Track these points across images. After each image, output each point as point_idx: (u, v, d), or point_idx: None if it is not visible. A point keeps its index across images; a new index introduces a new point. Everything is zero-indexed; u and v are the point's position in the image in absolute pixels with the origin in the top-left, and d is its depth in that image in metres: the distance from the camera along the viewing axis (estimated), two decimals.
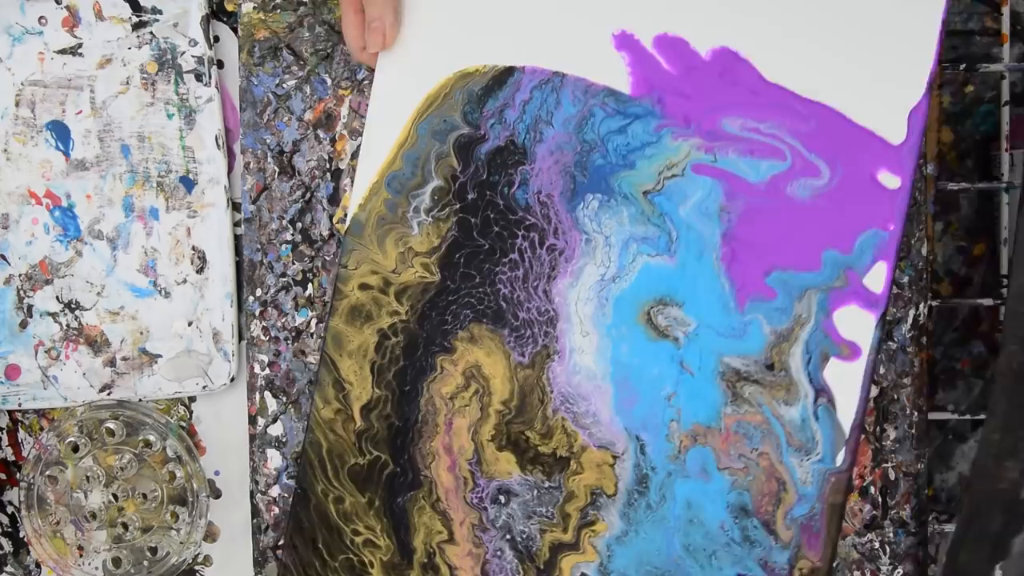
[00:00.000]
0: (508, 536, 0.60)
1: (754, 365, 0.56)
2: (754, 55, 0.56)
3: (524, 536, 0.59)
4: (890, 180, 0.54)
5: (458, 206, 0.61)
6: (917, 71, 0.54)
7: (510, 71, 0.60)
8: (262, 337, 0.69)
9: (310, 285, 0.69)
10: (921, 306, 0.66)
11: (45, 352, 0.72)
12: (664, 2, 0.57)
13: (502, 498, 0.60)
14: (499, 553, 0.60)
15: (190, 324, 0.71)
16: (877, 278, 0.54)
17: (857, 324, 0.54)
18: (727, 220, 0.56)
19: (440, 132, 0.61)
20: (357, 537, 0.63)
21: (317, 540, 0.63)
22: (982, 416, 0.70)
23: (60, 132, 0.71)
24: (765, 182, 0.56)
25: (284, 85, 0.70)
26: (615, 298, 0.58)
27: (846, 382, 0.55)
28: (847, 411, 0.55)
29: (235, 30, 0.72)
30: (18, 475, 0.74)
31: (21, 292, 0.72)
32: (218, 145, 0.70)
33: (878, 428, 0.67)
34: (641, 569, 0.57)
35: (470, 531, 0.60)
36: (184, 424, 0.73)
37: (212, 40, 0.71)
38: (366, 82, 0.69)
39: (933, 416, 0.71)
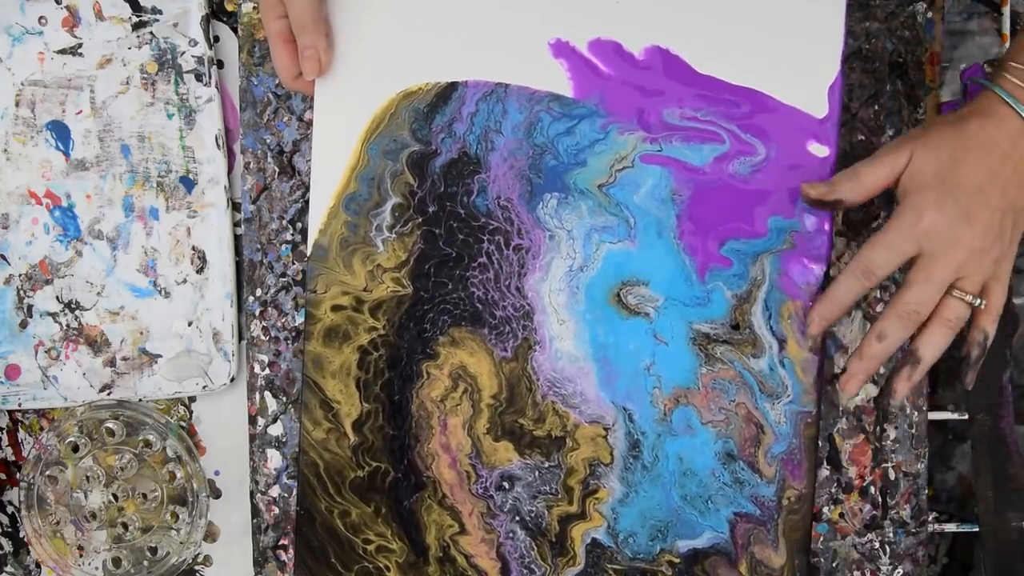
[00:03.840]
0: (517, 517, 0.71)
1: (721, 327, 0.69)
2: (684, 50, 0.69)
3: (533, 515, 0.71)
4: (819, 150, 0.68)
5: (420, 220, 0.70)
6: (830, 50, 0.67)
7: (453, 86, 0.70)
8: (262, 337, 0.77)
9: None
10: None
11: (45, 352, 0.79)
12: (594, 8, 0.68)
13: (506, 484, 0.71)
14: (511, 535, 0.71)
15: (190, 324, 0.79)
16: (819, 235, 0.67)
17: (807, 277, 0.67)
18: (679, 202, 0.69)
19: (391, 151, 0.70)
20: (369, 545, 0.73)
21: (329, 555, 0.73)
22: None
23: (60, 132, 0.78)
24: (709, 164, 0.68)
25: None
26: (585, 285, 0.70)
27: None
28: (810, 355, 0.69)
29: (235, 30, 0.79)
30: (18, 475, 0.81)
31: (21, 292, 0.79)
32: (218, 145, 0.78)
33: (878, 428, 0.77)
34: (646, 524, 0.70)
35: (480, 520, 0.71)
36: (184, 424, 0.81)
37: (212, 40, 0.78)
38: None
39: (933, 416, 0.77)
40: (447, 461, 0.73)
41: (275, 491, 0.78)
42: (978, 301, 0.64)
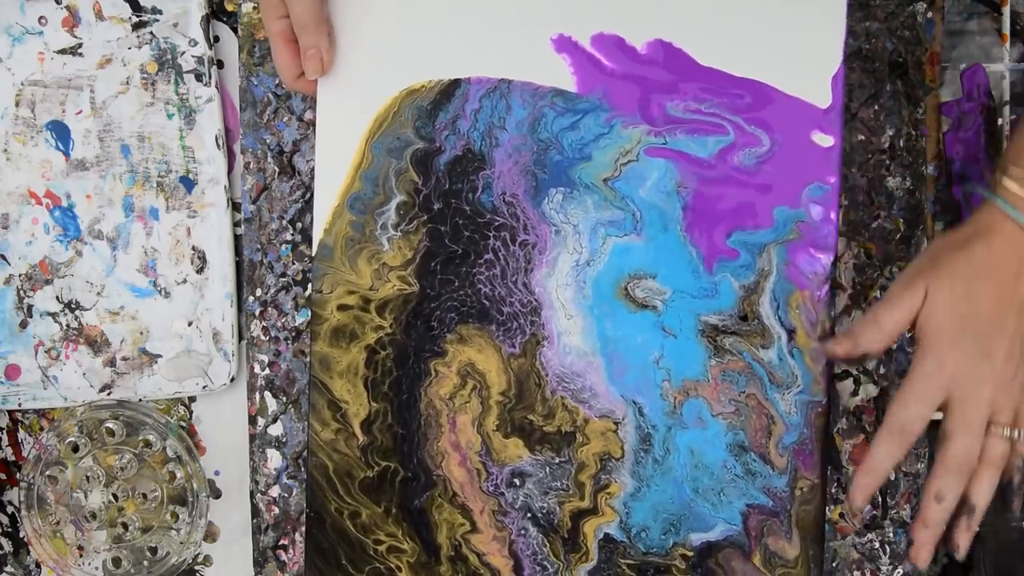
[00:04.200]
0: (529, 514, 0.72)
1: (729, 319, 0.69)
2: (686, 43, 0.70)
3: (544, 511, 0.71)
4: (823, 140, 0.69)
5: (425, 217, 0.71)
6: (832, 40, 0.68)
7: (456, 83, 0.71)
8: (262, 337, 0.78)
9: (310, 285, 0.77)
10: None
11: (45, 352, 0.80)
12: (596, 3, 0.69)
13: (517, 481, 0.72)
14: (523, 532, 0.72)
15: (190, 324, 0.80)
16: (825, 225, 0.68)
17: (815, 267, 0.68)
18: (685, 194, 0.69)
19: (395, 149, 0.71)
20: (380, 546, 0.73)
21: (340, 557, 0.73)
22: None
23: (60, 132, 0.79)
24: (714, 156, 0.69)
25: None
26: (592, 280, 0.70)
27: None
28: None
29: (235, 30, 0.80)
30: (18, 475, 0.82)
31: (21, 292, 0.80)
32: (218, 145, 0.79)
33: (878, 428, 0.77)
34: (658, 518, 0.71)
35: (491, 517, 0.72)
36: (184, 424, 0.82)
37: (212, 40, 0.79)
38: None
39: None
40: (457, 459, 0.73)
41: (275, 491, 0.79)
42: (1016, 433, 0.64)
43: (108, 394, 0.79)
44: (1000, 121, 0.80)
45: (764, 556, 0.71)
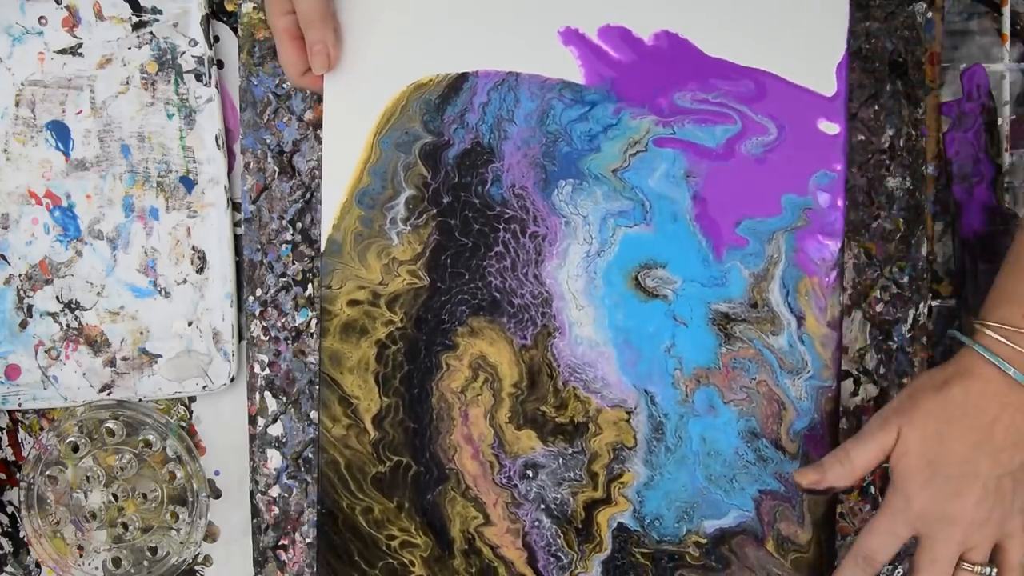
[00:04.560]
0: (543, 505, 0.72)
1: (739, 306, 0.71)
2: (692, 34, 0.71)
3: (558, 502, 0.72)
4: (829, 127, 0.70)
5: (435, 211, 0.71)
6: (836, 28, 0.69)
7: (464, 77, 0.71)
8: (262, 337, 0.79)
9: (310, 285, 0.78)
10: (921, 306, 0.80)
11: (45, 352, 0.81)
12: None
13: (530, 473, 0.72)
14: (537, 523, 0.72)
15: (190, 324, 0.81)
16: (832, 211, 0.69)
17: (823, 253, 0.69)
18: (693, 183, 0.70)
19: (403, 144, 0.71)
20: (393, 541, 0.73)
21: (352, 554, 0.74)
22: None
23: (60, 132, 0.80)
24: (722, 145, 0.70)
25: (284, 85, 0.80)
26: (602, 270, 0.71)
27: None
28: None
29: (235, 30, 0.81)
30: (18, 475, 0.83)
31: (21, 292, 0.81)
32: (218, 145, 0.80)
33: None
34: (672, 506, 0.71)
35: (505, 510, 0.72)
36: (184, 424, 0.82)
37: (212, 40, 0.80)
38: None
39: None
40: (470, 452, 0.73)
41: (275, 491, 0.79)
42: (988, 571, 0.66)
43: (108, 394, 0.80)
44: (1000, 121, 0.82)
45: (777, 541, 0.72)
